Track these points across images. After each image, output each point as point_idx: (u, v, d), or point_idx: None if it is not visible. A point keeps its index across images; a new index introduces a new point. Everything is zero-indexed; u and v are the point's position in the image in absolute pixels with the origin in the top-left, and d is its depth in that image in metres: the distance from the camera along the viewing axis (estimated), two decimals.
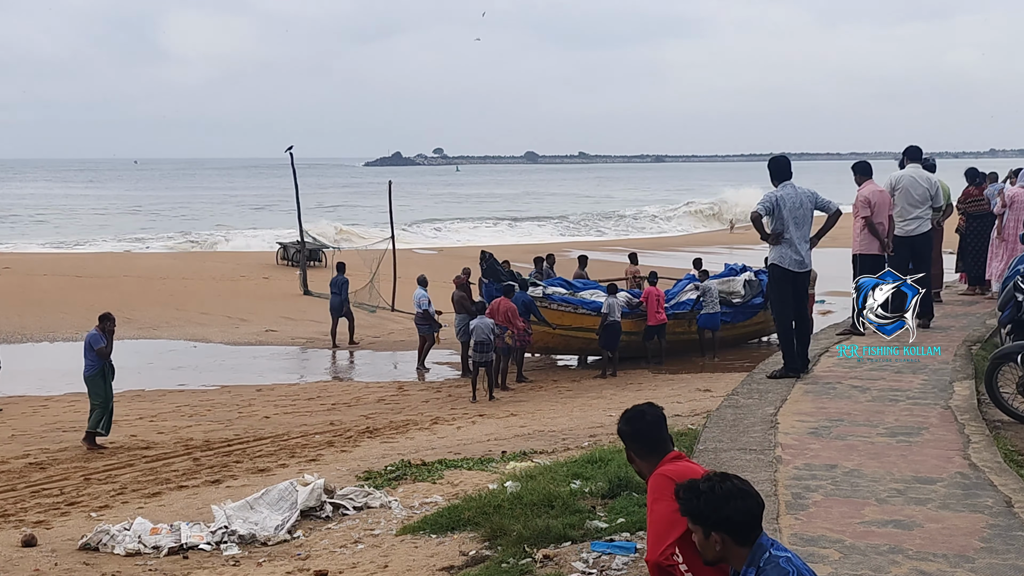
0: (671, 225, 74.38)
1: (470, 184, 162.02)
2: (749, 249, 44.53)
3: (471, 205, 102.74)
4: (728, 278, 24.53)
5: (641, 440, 4.97)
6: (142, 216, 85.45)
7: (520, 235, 66.00)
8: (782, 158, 11.77)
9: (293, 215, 38.98)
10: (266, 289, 34.89)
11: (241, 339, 26.17)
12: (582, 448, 12.39)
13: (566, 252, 41.57)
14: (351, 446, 14.91)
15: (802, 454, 8.35)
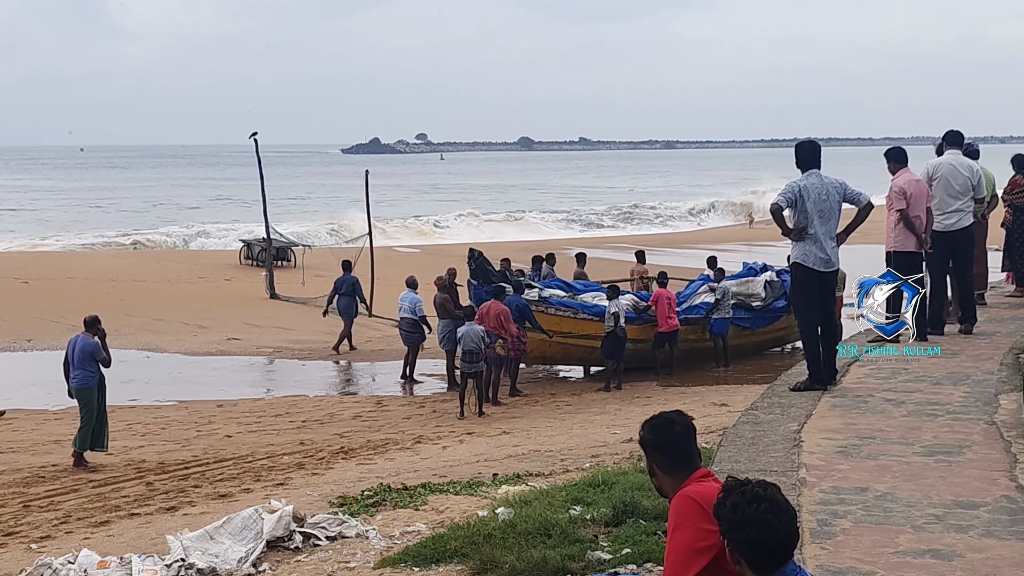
0: (689, 222, 74.41)
1: (458, 173, 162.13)
2: (770, 246, 44.60)
3: (455, 197, 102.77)
4: (747, 279, 24.57)
5: (667, 452, 4.97)
6: (88, 210, 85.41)
7: (520, 231, 65.97)
8: (812, 143, 11.79)
9: (257, 209, 39.00)
10: (228, 292, 34.88)
11: (200, 348, 26.15)
12: (583, 470, 12.39)
13: (566, 250, 41.60)
14: (323, 468, 14.90)
15: (829, 476, 8.36)
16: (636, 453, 13.30)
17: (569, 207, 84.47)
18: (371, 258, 31.11)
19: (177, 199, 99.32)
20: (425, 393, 21.95)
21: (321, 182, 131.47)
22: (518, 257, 28.83)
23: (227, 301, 32.96)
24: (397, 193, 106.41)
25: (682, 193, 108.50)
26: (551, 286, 23.13)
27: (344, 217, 62.55)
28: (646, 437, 5.03)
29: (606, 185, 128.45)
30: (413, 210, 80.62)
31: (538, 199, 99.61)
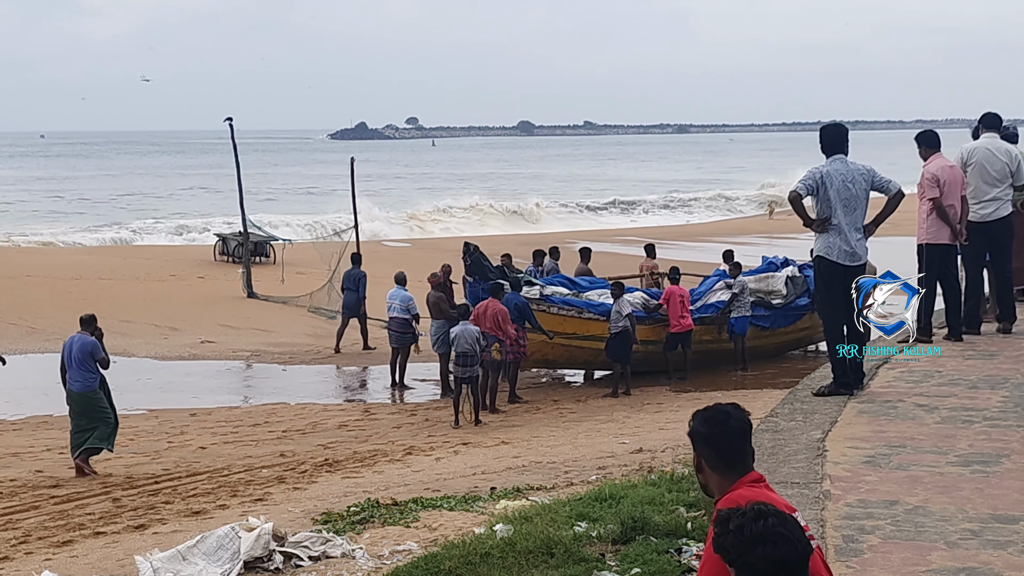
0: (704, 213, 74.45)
1: (449, 162, 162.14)
2: (792, 239, 44.63)
3: (447, 186, 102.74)
4: (766, 274, 24.59)
5: (718, 448, 4.98)
6: (49, 202, 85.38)
7: (522, 224, 65.98)
8: (838, 127, 11.80)
9: (233, 199, 39.01)
10: (202, 291, 34.89)
11: (171, 352, 26.16)
12: (589, 483, 12.39)
13: (569, 244, 41.62)
14: (306, 482, 14.91)
15: (855, 488, 8.37)
16: (646, 464, 13.32)
17: (570, 198, 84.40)
18: (357, 253, 31.09)
19: (146, 189, 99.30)
20: (417, 400, 21.96)
21: (303, 171, 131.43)
22: (517, 252, 28.84)
23: (201, 300, 32.98)
24: (382, 183, 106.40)
25: (696, 181, 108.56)
26: (553, 283, 23.12)
27: (330, 208, 62.56)
28: (697, 429, 5.04)
29: (613, 173, 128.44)
30: (404, 200, 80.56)
31: (539, 188, 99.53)
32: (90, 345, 16.34)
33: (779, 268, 24.94)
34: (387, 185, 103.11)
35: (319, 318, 29.90)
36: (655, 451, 14.58)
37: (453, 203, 70.68)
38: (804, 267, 24.08)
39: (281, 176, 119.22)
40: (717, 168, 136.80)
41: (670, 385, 21.98)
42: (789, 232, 47.64)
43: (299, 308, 31.25)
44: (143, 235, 57.08)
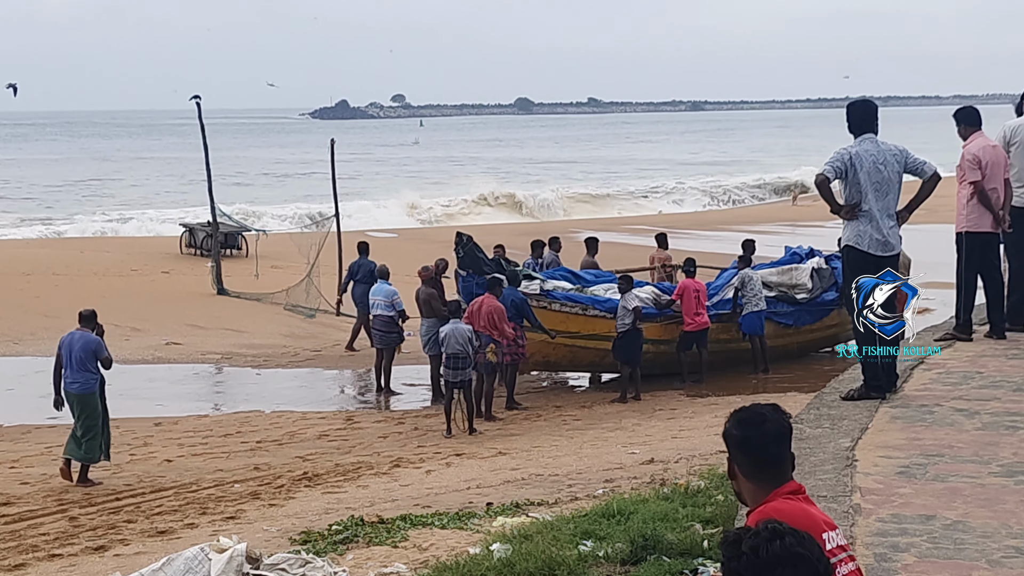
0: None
1: (437, 144, 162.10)
2: (818, 227, 44.66)
3: (438, 170, 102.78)
4: (790, 266, 24.56)
5: (752, 454, 4.98)
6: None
7: (513, 213, 65.99)
8: (867, 103, 11.80)
9: (201, 186, 38.97)
10: (166, 287, 34.89)
11: (133, 355, 26.15)
12: (595, 498, 12.41)
13: (573, 233, 41.65)
14: (283, 498, 14.91)
15: (888, 501, 8.38)
16: (658, 477, 13.33)
17: (569, 182, 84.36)
18: (339, 244, 31.13)
19: (103, 175, 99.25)
20: (405, 407, 21.96)
21: (277, 154, 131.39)
22: (512, 243, 28.81)
23: (165, 298, 32.96)
24: (366, 166, 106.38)
25: (712, 164, 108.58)
26: (555, 277, 23.12)
27: (307, 194, 62.52)
28: (730, 432, 5.05)
29: (621, 155, 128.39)
30: (384, 188, 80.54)
31: (542, 173, 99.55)
32: (94, 344, 16.54)
33: (804, 259, 24.91)
34: (371, 169, 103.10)
35: (297, 317, 29.91)
36: (668, 462, 14.59)
37: (464, 195, 70.04)
38: (831, 258, 24.07)
39: (254, 160, 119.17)
40: (736, 149, 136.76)
41: (684, 389, 21.98)
42: (815, 219, 47.68)
43: (275, 306, 31.26)
44: (102, 226, 57.06)
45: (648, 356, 21.79)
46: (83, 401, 16.56)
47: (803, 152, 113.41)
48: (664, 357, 22.52)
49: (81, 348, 16.52)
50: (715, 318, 22.78)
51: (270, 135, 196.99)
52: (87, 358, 16.50)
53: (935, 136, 59.87)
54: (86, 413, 16.52)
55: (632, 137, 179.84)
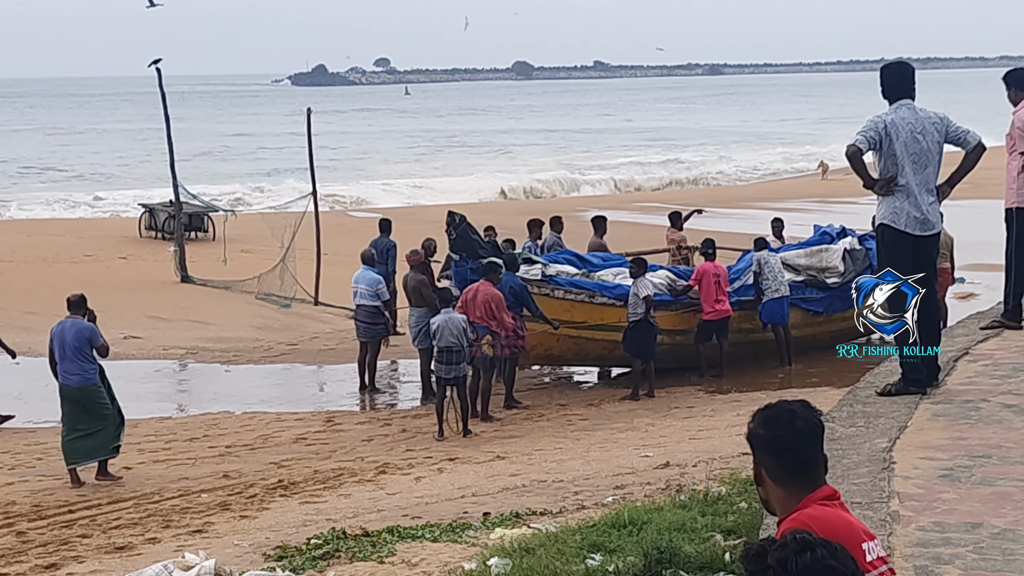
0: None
1: (426, 113, 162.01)
2: (850, 203, 44.65)
3: (428, 144, 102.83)
4: (819, 247, 24.56)
5: (781, 455, 4.97)
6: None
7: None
8: (902, 66, 11.79)
9: (162, 160, 38.90)
10: (124, 274, 34.86)
11: None
12: (604, 506, 12.42)
13: (580, 213, 41.64)
14: (256, 509, 14.92)
15: (930, 508, 8.39)
16: (674, 482, 13.35)
17: (571, 154, 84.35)
18: (316, 226, 31.11)
19: (53, 149, 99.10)
20: (391, 406, 21.97)
21: (248, 126, 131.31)
22: (510, 223, 28.80)
23: (123, 286, 32.93)
24: (350, 141, 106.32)
25: (734, 134, 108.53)
26: (558, 261, 23.12)
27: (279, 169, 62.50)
28: (756, 432, 5.03)
29: (632, 124, 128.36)
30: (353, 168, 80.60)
31: (537, 149, 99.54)
32: (87, 331, 16.74)
33: (835, 240, 24.90)
34: (354, 143, 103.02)
35: (270, 307, 29.90)
36: (685, 466, 14.61)
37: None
38: (865, 238, 24.06)
39: (222, 132, 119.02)
40: (759, 117, 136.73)
41: (703, 384, 21.99)
42: (847, 195, 47.65)
43: (246, 295, 31.23)
44: (52, 207, 57.00)
45: (663, 348, 21.79)
46: (85, 394, 16.87)
47: (832, 121, 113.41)
48: (680, 349, 22.53)
49: (74, 337, 16.76)
50: (736, 305, 22.77)
51: (239, 103, 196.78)
52: (82, 347, 16.74)
53: (981, 102, 59.82)
54: (91, 406, 16.85)
55: (641, 104, 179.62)
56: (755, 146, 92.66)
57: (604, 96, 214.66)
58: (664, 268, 23.66)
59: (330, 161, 75.55)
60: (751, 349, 23.16)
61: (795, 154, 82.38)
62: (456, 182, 66.60)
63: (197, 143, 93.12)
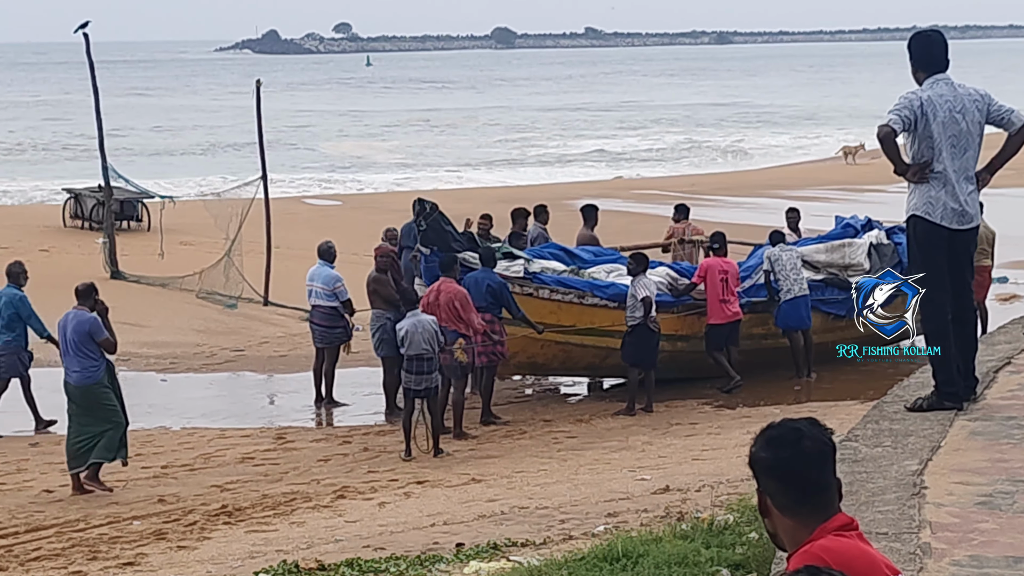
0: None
1: (392, 89, 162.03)
2: (878, 191, 44.76)
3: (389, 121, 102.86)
4: (841, 242, 24.58)
5: (787, 480, 4.94)
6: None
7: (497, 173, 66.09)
8: (935, 35, 11.81)
9: (90, 138, 38.84)
10: (46, 269, 34.70)
11: None
12: (594, 536, 12.43)
13: (570, 203, 41.63)
14: (195, 539, 14.91)
15: (966, 539, 8.41)
16: (675, 509, 13.37)
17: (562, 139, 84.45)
18: (267, 214, 31.03)
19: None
20: (351, 421, 21.95)
21: (189, 100, 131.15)
22: (488, 211, 28.74)
23: (45, 283, 32.76)
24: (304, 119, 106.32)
25: (746, 111, 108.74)
26: (543, 256, 23.08)
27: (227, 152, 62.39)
28: (758, 455, 4.99)
29: (628, 99, 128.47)
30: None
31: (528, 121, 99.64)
32: (87, 323, 17.07)
33: (859, 233, 24.93)
34: (312, 121, 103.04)
35: (214, 307, 29.86)
36: (687, 490, 14.63)
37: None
38: (894, 231, 24.08)
39: (158, 106, 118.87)
40: (773, 92, 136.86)
41: (708, 399, 21.92)
42: (874, 183, 47.78)
43: (185, 293, 31.20)
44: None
45: (663, 356, 21.76)
46: (86, 393, 17.23)
47: (858, 97, 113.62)
48: (683, 357, 22.52)
49: (74, 330, 17.16)
50: (747, 307, 22.74)
51: (178, 73, 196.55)
52: (83, 342, 17.08)
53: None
54: (93, 407, 17.22)
55: (633, 78, 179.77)
56: (769, 126, 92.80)
57: (596, 68, 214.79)
58: (664, 265, 23.59)
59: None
60: (764, 357, 23.15)
61: (815, 135, 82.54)
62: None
63: (132, 118, 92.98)
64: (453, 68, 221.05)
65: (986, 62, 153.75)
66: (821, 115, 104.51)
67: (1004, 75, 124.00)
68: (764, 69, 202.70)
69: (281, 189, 50.84)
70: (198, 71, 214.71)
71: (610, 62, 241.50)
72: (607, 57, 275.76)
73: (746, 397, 21.90)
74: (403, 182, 62.37)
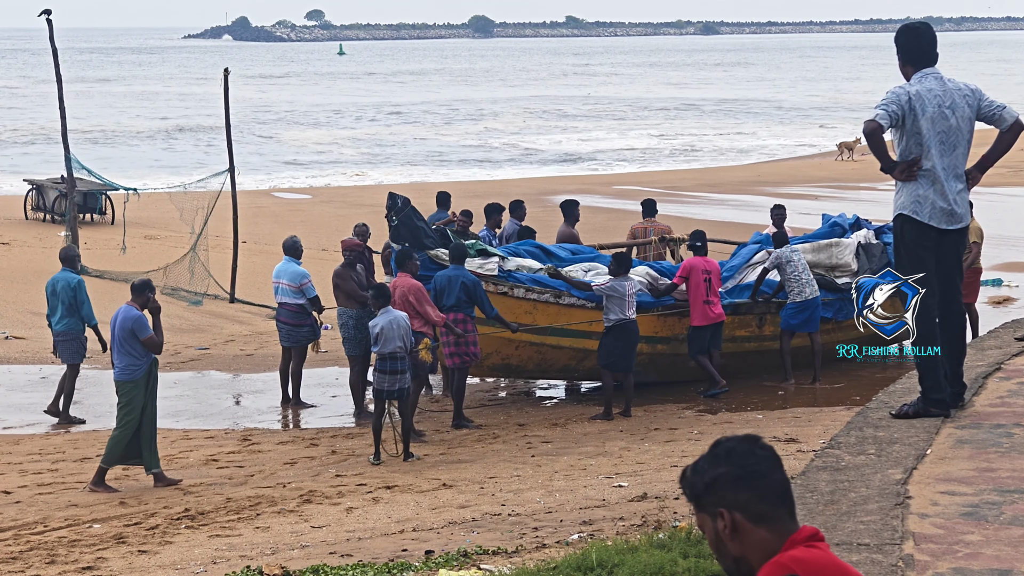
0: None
1: (368, 79, 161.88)
2: (869, 190, 44.82)
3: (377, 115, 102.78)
4: (828, 241, 24.62)
5: (760, 486, 4.92)
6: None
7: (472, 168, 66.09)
8: (919, 28, 11.83)
9: (53, 129, 38.78)
10: (6, 263, 34.75)
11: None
12: (568, 545, 12.44)
13: (548, 199, 41.64)
14: (157, 543, 14.88)
15: (951, 552, 8.43)
16: (652, 517, 13.37)
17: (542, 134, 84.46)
18: (234, 209, 31.01)
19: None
20: (319, 423, 21.93)
21: (155, 87, 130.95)
22: (461, 206, 28.73)
23: (4, 277, 32.85)
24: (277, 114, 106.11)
25: (731, 106, 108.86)
26: (519, 253, 23.06)
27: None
28: (717, 472, 4.97)
29: (609, 94, 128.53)
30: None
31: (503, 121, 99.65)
32: (132, 320, 17.41)
33: (847, 232, 24.97)
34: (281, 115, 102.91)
35: (178, 304, 29.81)
36: (665, 498, 14.64)
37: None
38: (883, 230, 24.12)
39: (123, 94, 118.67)
40: (762, 85, 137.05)
41: (691, 403, 21.91)
42: (864, 181, 47.87)
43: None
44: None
45: (641, 359, 21.77)
46: (118, 389, 17.77)
47: (849, 92, 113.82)
48: (662, 360, 22.54)
49: (120, 326, 17.52)
50: (730, 308, 22.75)
51: (144, 61, 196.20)
52: (126, 338, 17.44)
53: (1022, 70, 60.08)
54: (122, 403, 17.67)
55: (615, 71, 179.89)
56: (754, 120, 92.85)
57: (575, 59, 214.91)
58: (644, 264, 23.59)
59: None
60: (747, 361, 23.18)
61: (802, 130, 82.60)
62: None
63: (96, 108, 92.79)
64: (430, 58, 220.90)
65: (982, 54, 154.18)
66: (810, 108, 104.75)
67: (999, 66, 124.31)
68: (751, 61, 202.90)
69: (249, 181, 50.87)
70: (165, 59, 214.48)
71: (593, 52, 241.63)
72: (590, 47, 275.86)
73: (727, 402, 21.89)
74: (374, 175, 62.38)
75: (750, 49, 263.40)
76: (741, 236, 27.49)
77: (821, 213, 27.96)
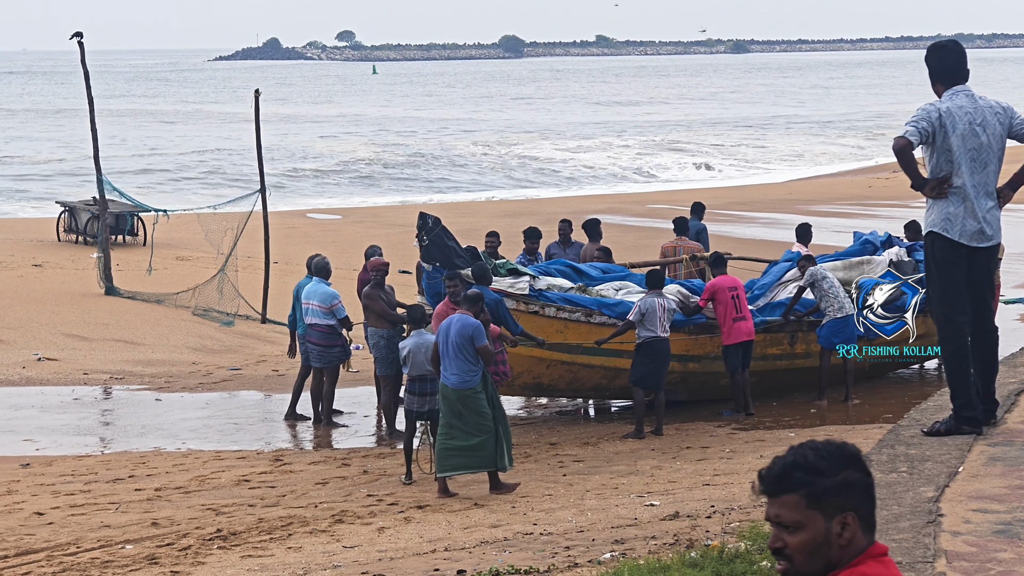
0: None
1: (399, 98, 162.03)
2: (899, 207, 44.69)
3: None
4: (860, 258, 24.55)
5: (874, 500, 5.03)
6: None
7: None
8: (947, 46, 11.81)
9: (85, 151, 38.87)
10: (39, 284, 34.83)
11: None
12: (600, 564, 12.42)
13: (580, 215, 41.61)
14: (190, 563, 14.90)
15: (983, 570, 8.40)
16: (684, 536, 13.34)
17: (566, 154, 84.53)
18: (265, 229, 31.04)
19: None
20: (350, 444, 21.93)
21: (186, 107, 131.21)
22: (493, 226, 28.73)
23: (37, 299, 32.92)
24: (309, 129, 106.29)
25: (761, 123, 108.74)
26: (550, 272, 23.05)
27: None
28: (855, 477, 5.06)
29: (640, 114, 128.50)
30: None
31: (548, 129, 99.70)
32: (471, 328, 17.93)
33: (879, 250, 24.92)
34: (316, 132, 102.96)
35: (210, 324, 29.84)
36: (697, 517, 14.61)
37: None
38: (915, 248, 24.07)
39: (153, 115, 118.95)
40: (791, 104, 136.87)
41: (724, 420, 21.81)
42: (894, 199, 47.75)
43: (181, 310, 31.20)
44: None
45: (672, 377, 21.74)
46: (464, 398, 18.20)
47: (885, 111, 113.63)
48: (693, 378, 22.50)
49: (458, 333, 17.92)
50: (761, 326, 22.67)
51: (175, 82, 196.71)
52: (463, 345, 17.88)
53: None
54: (470, 411, 18.16)
55: (645, 89, 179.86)
56: (786, 136, 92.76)
57: (607, 77, 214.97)
58: (676, 282, 23.53)
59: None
60: (778, 378, 23.12)
61: (837, 148, 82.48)
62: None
63: (128, 129, 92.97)
64: (462, 77, 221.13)
65: (1014, 71, 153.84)
66: (843, 125, 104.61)
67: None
68: (782, 78, 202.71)
69: (280, 202, 51.03)
70: (195, 79, 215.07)
71: (624, 71, 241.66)
72: (621, 65, 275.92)
73: (760, 420, 21.86)
74: (406, 195, 62.47)
75: (779, 67, 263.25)
76: (771, 253, 27.42)
77: (852, 231, 27.89)
